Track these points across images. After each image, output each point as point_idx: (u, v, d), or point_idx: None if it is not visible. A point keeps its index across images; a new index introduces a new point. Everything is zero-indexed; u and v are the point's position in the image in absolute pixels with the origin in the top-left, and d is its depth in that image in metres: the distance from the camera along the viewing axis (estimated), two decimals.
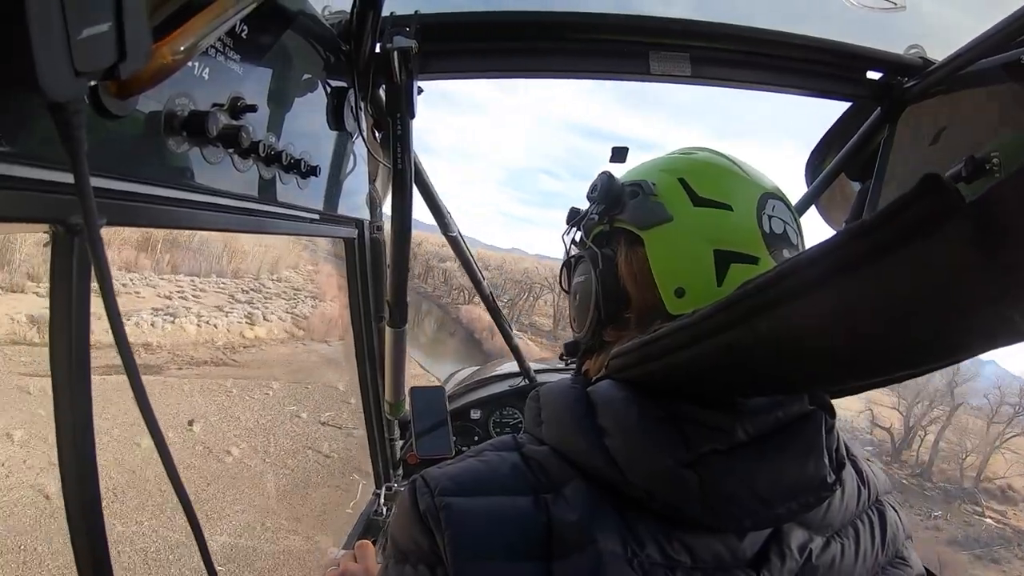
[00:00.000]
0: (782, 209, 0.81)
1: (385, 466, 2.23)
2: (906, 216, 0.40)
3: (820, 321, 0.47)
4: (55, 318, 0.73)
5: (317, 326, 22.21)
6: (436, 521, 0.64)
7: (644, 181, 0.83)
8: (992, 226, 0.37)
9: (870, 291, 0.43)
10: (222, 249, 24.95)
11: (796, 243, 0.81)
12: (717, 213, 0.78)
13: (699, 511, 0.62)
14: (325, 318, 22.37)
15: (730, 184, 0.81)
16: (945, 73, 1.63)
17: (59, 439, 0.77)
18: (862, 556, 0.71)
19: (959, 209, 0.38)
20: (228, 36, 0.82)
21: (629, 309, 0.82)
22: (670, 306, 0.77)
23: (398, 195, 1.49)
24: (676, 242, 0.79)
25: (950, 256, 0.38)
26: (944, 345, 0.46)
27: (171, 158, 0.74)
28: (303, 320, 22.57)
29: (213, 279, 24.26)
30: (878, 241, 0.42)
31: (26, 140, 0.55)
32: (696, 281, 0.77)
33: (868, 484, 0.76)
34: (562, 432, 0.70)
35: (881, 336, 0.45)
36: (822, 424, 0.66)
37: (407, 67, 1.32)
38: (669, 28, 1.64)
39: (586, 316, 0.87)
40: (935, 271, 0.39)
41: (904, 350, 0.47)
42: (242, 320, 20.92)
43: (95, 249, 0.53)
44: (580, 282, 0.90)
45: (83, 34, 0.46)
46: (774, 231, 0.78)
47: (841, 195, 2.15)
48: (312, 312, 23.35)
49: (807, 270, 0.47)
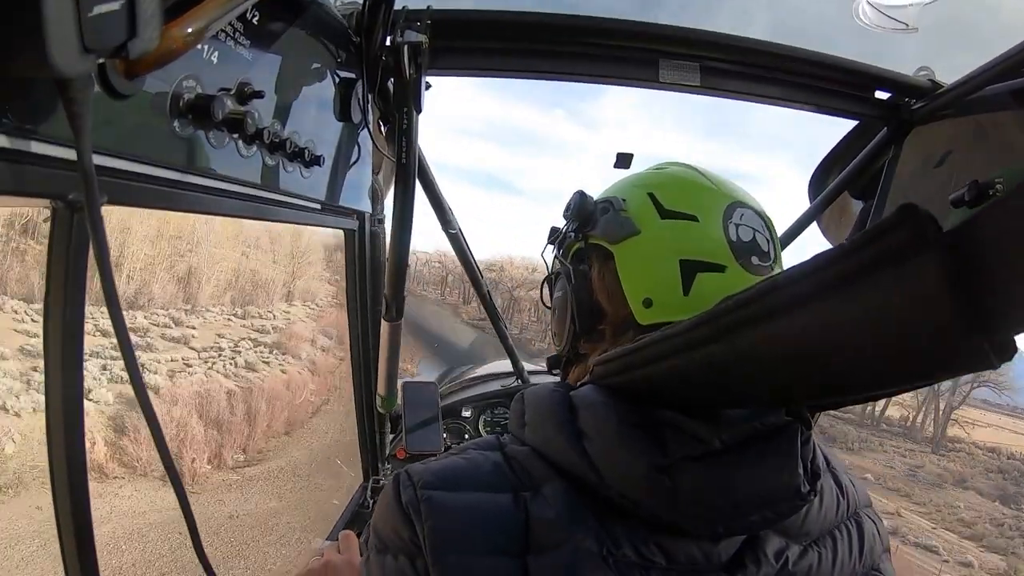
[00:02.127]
0: (751, 217, 0.83)
1: (374, 459, 2.22)
2: (882, 243, 0.40)
3: (798, 340, 0.48)
4: (51, 294, 0.73)
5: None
6: (417, 513, 0.66)
7: (615, 197, 0.87)
8: (966, 258, 0.37)
9: (847, 314, 0.43)
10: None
11: (767, 250, 0.83)
12: (683, 225, 0.81)
13: (673, 515, 0.63)
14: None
15: (697, 196, 0.84)
16: (953, 97, 1.64)
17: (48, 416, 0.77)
18: (839, 566, 0.72)
19: (934, 240, 0.38)
20: (239, 21, 0.82)
21: (603, 322, 0.86)
22: (639, 316, 0.81)
23: (400, 189, 1.49)
24: (643, 254, 0.82)
25: (923, 285, 0.38)
26: (915, 370, 0.46)
27: (175, 140, 0.74)
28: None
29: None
30: (855, 265, 0.42)
31: (30, 114, 0.55)
32: (662, 291, 0.80)
33: (847, 495, 0.78)
34: (544, 434, 0.72)
35: (856, 358, 0.46)
36: (798, 435, 0.67)
37: (417, 62, 1.32)
38: (680, 37, 1.64)
39: (564, 330, 0.91)
40: (908, 298, 0.39)
41: (877, 372, 0.48)
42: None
43: (95, 227, 0.53)
44: (558, 297, 0.94)
45: (94, 11, 0.46)
46: (741, 239, 0.81)
47: (843, 213, 2.16)
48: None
49: (787, 289, 0.47)
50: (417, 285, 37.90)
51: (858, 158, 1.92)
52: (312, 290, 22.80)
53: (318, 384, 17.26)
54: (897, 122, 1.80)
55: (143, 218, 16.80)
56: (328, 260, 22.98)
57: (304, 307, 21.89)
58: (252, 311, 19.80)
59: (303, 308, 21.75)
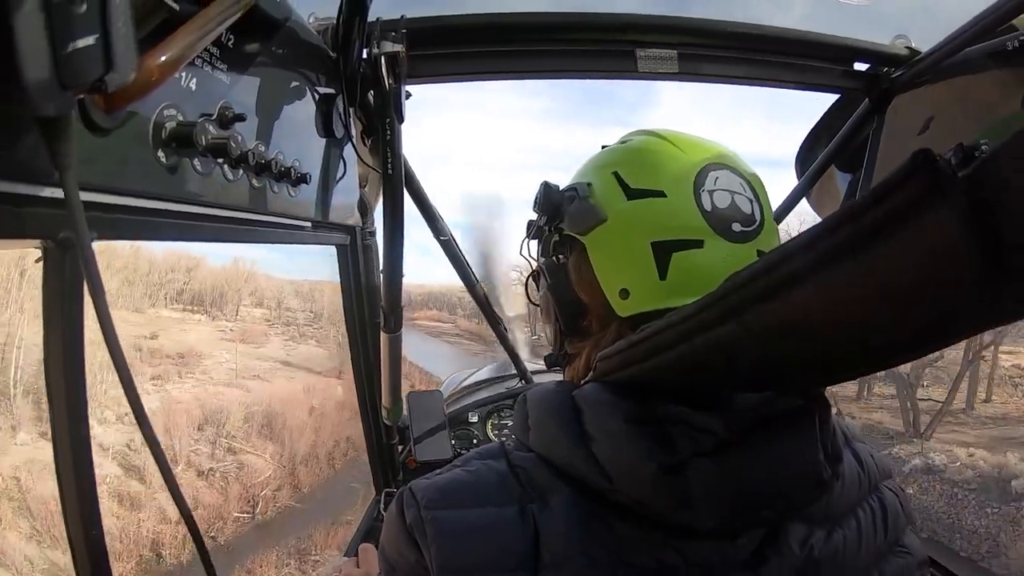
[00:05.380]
0: (727, 179, 0.77)
1: (385, 471, 2.22)
2: (897, 196, 0.37)
3: (810, 312, 0.45)
4: (49, 335, 0.73)
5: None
6: (422, 534, 0.64)
7: (580, 184, 0.82)
8: (987, 202, 0.35)
9: (863, 277, 0.41)
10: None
11: (750, 212, 0.76)
12: (650, 203, 0.75)
13: (686, 515, 0.60)
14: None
15: (663, 166, 0.77)
16: (931, 62, 1.64)
17: (56, 456, 0.77)
18: (864, 544, 0.69)
19: (953, 184, 0.35)
20: (215, 45, 0.82)
21: (587, 317, 0.81)
22: (618, 308, 0.76)
23: (389, 200, 1.49)
24: (613, 242, 0.77)
25: (945, 235, 0.36)
26: (941, 329, 0.43)
27: (161, 170, 0.74)
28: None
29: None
30: (869, 224, 0.39)
31: (13, 155, 0.54)
32: (638, 278, 0.75)
33: (867, 470, 0.75)
34: (548, 439, 0.69)
35: (876, 323, 0.44)
36: (815, 418, 0.65)
37: (395, 72, 1.32)
38: (655, 25, 1.65)
39: (550, 328, 0.87)
40: (930, 251, 0.37)
41: (894, 336, 0.45)
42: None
43: (87, 264, 0.53)
44: (541, 295, 0.89)
45: (69, 47, 0.46)
46: (717, 206, 0.74)
47: (831, 187, 2.16)
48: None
49: (796, 259, 0.44)
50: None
51: (842, 131, 1.93)
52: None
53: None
54: (878, 92, 1.80)
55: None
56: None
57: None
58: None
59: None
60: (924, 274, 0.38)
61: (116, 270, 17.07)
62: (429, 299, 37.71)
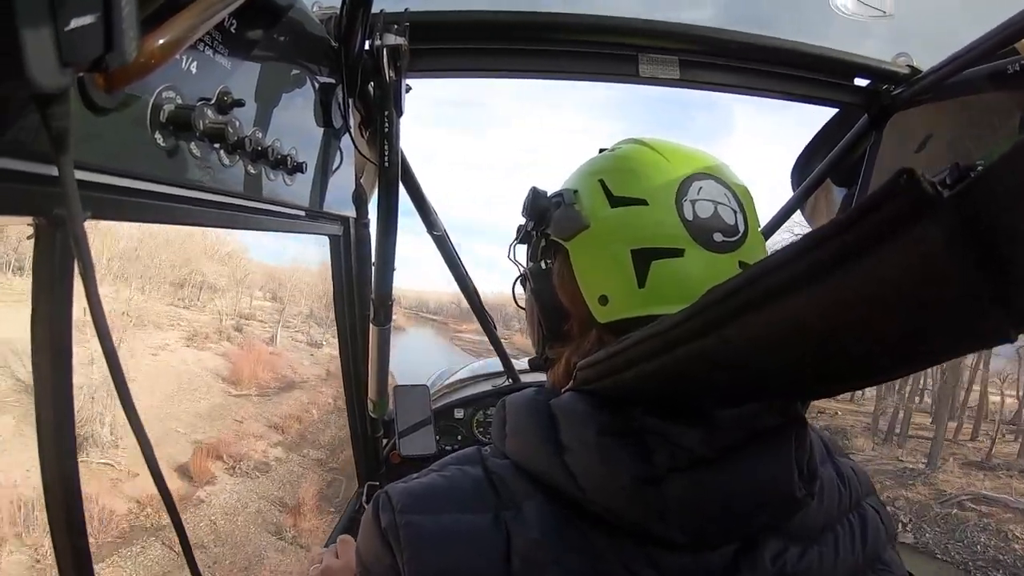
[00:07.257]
0: (711, 189, 0.76)
1: (368, 464, 2.22)
2: (880, 213, 0.37)
3: (793, 327, 0.44)
4: (37, 313, 0.72)
5: None
6: (396, 539, 0.64)
7: (567, 190, 0.82)
8: (975, 220, 0.34)
9: (845, 293, 0.40)
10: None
11: (734, 223, 0.76)
12: (633, 211, 0.75)
13: (661, 528, 0.60)
14: None
15: (647, 175, 0.77)
16: (932, 82, 1.65)
17: (40, 436, 0.76)
18: (841, 562, 0.69)
19: (938, 202, 0.34)
20: (217, 30, 0.81)
21: (569, 322, 0.82)
22: (597, 314, 0.76)
23: (384, 192, 1.48)
24: (594, 249, 0.77)
25: (930, 253, 0.35)
26: (925, 348, 0.42)
27: (157, 152, 0.73)
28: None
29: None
30: (851, 240, 0.38)
31: (9, 131, 0.54)
32: (617, 285, 0.75)
33: (850, 486, 0.75)
34: (524, 447, 0.70)
35: (855, 340, 0.43)
36: (792, 437, 0.64)
37: (396, 65, 1.32)
38: (659, 31, 1.65)
39: (533, 332, 0.88)
40: (913, 269, 0.36)
41: (879, 355, 0.44)
42: None
43: (79, 243, 0.52)
44: (527, 299, 0.90)
45: (71, 24, 0.45)
46: (699, 216, 0.74)
47: (826, 201, 2.18)
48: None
49: (777, 273, 0.43)
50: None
51: (839, 145, 1.94)
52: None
53: None
54: (877, 108, 1.81)
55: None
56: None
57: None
58: None
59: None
60: (910, 291, 0.38)
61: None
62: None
